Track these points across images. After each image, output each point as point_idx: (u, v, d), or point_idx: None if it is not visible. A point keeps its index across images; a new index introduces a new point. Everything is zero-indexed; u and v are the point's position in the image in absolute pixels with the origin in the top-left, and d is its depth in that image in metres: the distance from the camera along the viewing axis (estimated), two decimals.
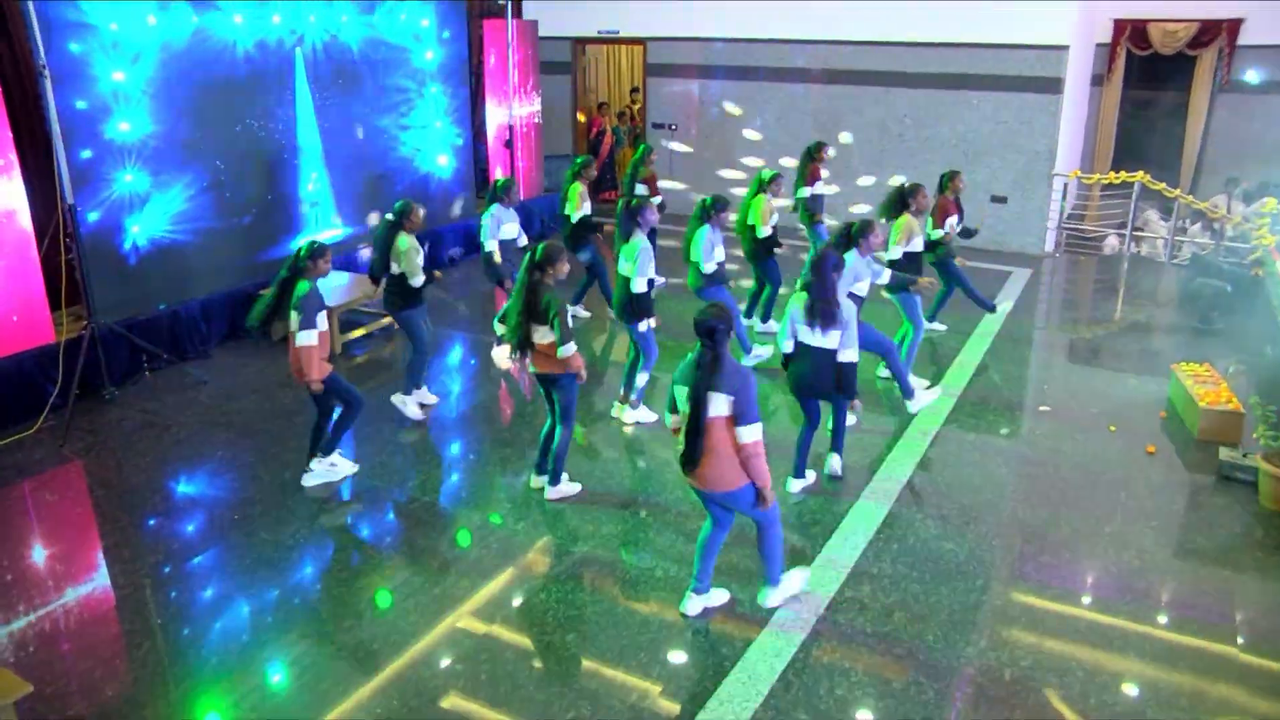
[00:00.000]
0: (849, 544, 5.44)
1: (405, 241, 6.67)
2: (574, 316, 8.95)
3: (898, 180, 11.40)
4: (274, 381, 7.75)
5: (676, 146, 9.62)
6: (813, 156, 9.52)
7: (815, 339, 5.52)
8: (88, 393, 7.43)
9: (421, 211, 6.83)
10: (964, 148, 11.21)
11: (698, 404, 4.28)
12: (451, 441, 6.98)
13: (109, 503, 6.06)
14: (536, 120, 11.96)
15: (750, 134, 12.50)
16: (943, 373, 7.85)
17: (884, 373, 7.64)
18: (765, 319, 8.80)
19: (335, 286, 8.85)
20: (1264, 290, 8.84)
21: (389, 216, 6.78)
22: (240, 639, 4.70)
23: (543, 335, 5.46)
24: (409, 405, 7.04)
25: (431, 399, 7.34)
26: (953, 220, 7.98)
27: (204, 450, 6.72)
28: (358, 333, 8.74)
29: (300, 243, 5.86)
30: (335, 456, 6.23)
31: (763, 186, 8.12)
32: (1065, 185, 11.17)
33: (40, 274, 7.20)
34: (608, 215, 9.97)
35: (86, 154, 7.47)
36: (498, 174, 11.45)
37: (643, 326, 6.67)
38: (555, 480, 5.92)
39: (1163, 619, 4.84)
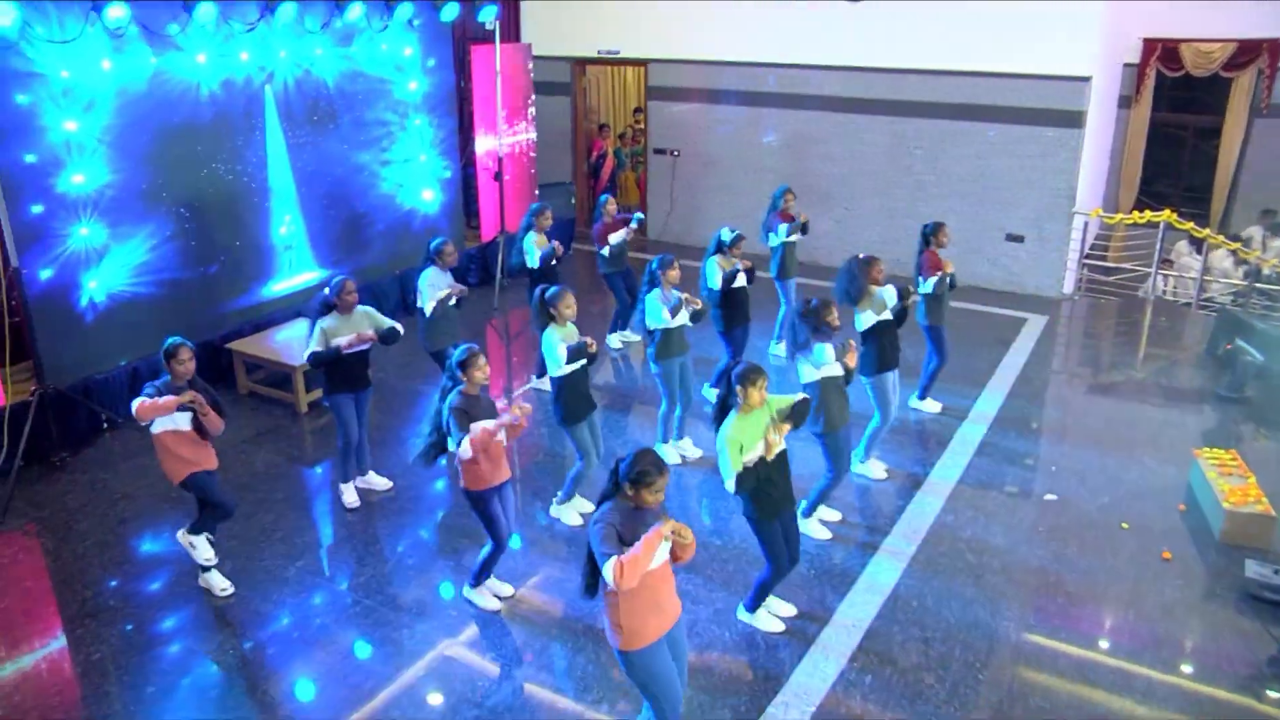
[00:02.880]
0: (819, 674, 4.93)
1: (326, 321, 6.26)
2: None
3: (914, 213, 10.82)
4: (236, 444, 7.33)
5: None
6: (775, 205, 8.63)
7: None
8: (37, 459, 7.11)
9: (353, 289, 6.34)
10: (978, 182, 10.55)
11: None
12: (401, 530, 6.44)
13: (37, 594, 5.71)
14: (530, 149, 11.45)
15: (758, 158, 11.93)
16: (943, 451, 7.24)
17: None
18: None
19: (300, 338, 8.42)
20: None
21: (326, 291, 6.34)
22: None
23: (452, 444, 5.06)
24: (346, 492, 6.66)
25: (383, 484, 6.86)
26: (935, 278, 7.26)
27: (150, 530, 6.34)
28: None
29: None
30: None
31: (720, 247, 7.48)
32: (1085, 224, 10.48)
33: None
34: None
35: (37, 209, 7.08)
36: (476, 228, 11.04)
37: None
38: (474, 582, 5.51)
39: None
